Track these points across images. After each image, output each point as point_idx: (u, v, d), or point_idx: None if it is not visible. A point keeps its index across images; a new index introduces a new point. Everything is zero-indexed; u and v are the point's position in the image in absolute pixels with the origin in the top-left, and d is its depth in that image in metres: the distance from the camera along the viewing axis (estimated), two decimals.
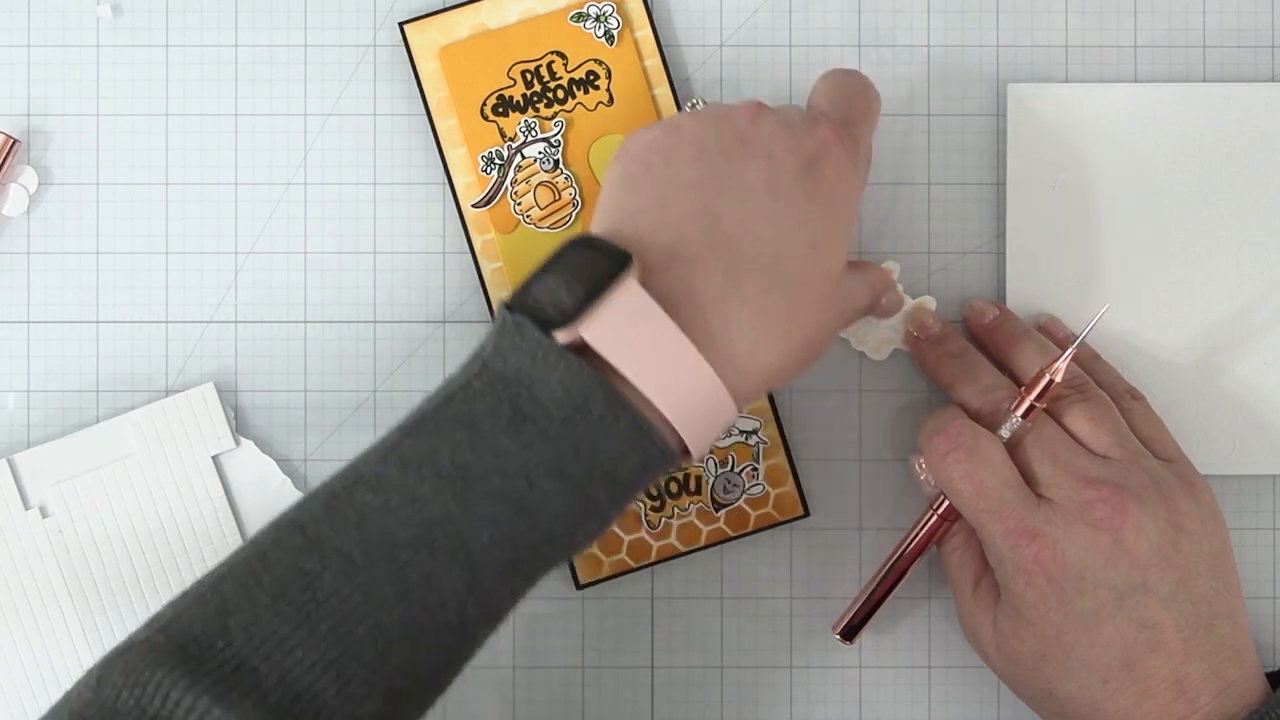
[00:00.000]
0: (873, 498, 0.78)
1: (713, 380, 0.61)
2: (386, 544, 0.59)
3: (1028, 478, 0.69)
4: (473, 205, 0.77)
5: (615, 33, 0.76)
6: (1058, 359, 0.70)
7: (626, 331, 0.60)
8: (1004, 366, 0.74)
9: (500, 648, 0.78)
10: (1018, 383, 0.73)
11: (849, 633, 0.74)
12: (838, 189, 0.66)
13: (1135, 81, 0.78)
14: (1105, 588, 0.67)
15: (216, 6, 0.78)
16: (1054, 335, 0.75)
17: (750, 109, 0.66)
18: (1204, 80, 0.78)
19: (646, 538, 0.77)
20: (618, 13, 0.76)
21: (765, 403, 0.77)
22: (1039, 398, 0.70)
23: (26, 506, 0.75)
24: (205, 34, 0.78)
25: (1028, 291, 0.77)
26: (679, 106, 0.77)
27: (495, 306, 0.63)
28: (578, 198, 0.77)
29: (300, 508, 0.61)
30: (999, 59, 0.78)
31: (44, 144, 0.77)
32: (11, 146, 0.76)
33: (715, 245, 0.63)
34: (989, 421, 0.71)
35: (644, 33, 0.77)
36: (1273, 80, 0.78)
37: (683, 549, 0.77)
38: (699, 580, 0.78)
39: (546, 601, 0.77)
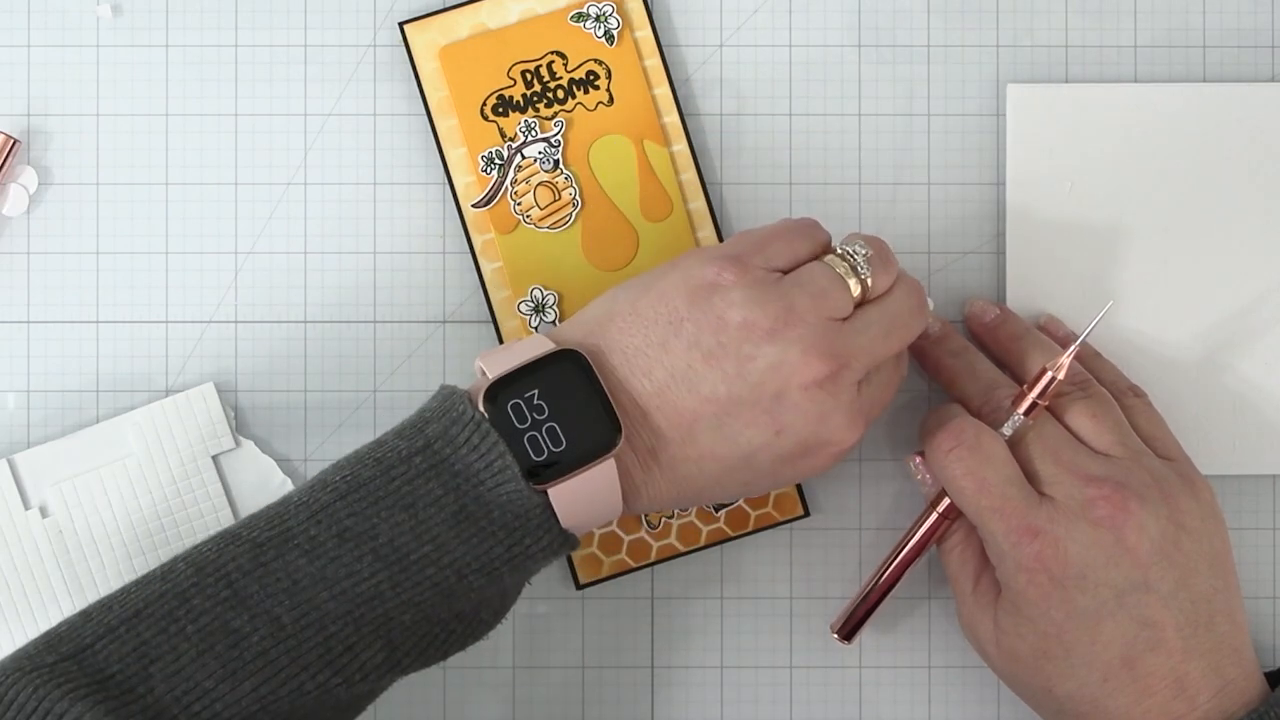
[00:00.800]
0: (873, 498, 0.78)
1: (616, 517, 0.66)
2: (317, 614, 0.61)
3: (1029, 475, 0.69)
4: (473, 205, 0.77)
5: (615, 33, 0.76)
6: (1061, 356, 0.70)
7: (583, 492, 0.64)
8: (1005, 365, 0.74)
9: (500, 648, 0.78)
10: (1018, 381, 0.72)
11: (848, 633, 0.74)
12: (812, 472, 0.68)
13: (1135, 81, 0.78)
14: (1106, 586, 0.67)
15: (216, 6, 0.78)
16: (1054, 334, 0.75)
17: (825, 371, 0.65)
18: (1204, 80, 0.78)
19: (646, 538, 0.77)
20: (618, 13, 0.76)
21: None
22: (1041, 395, 0.70)
23: (26, 506, 0.75)
24: (205, 34, 0.78)
25: (1028, 291, 0.77)
26: (679, 107, 0.77)
27: (458, 392, 0.65)
28: (578, 198, 0.77)
29: (221, 550, 0.62)
30: (999, 59, 0.78)
31: (44, 144, 0.77)
32: (11, 146, 0.76)
33: (673, 460, 0.66)
34: (990, 420, 0.71)
35: (644, 33, 0.77)
36: (1273, 80, 0.78)
37: (683, 549, 0.77)
38: (699, 580, 0.78)
39: (546, 601, 0.77)
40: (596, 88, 0.77)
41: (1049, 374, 0.70)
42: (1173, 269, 0.76)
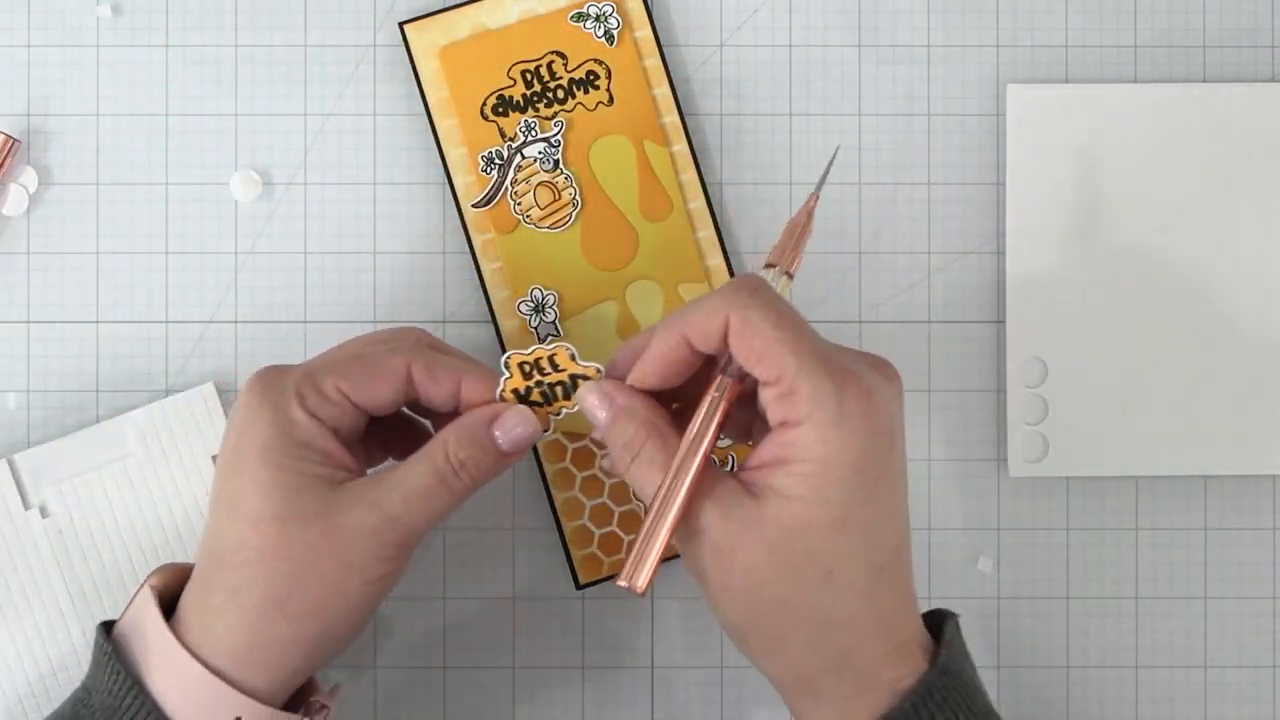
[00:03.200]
0: None
1: (229, 695, 0.65)
2: None
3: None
4: (473, 205, 0.77)
5: (615, 33, 0.77)
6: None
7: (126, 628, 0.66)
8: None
9: (500, 647, 0.78)
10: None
11: (642, 579, 0.63)
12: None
13: (1135, 81, 0.78)
14: (901, 454, 0.64)
15: (216, 6, 0.78)
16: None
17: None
18: (1204, 80, 0.78)
19: None
20: (618, 13, 0.76)
21: None
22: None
23: (26, 506, 0.75)
24: (205, 34, 0.78)
25: (1028, 291, 0.77)
26: (679, 107, 0.77)
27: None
28: (578, 197, 0.77)
29: None
30: (999, 59, 0.78)
31: (44, 144, 0.77)
32: (11, 146, 0.76)
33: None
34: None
35: (644, 33, 0.77)
36: (1273, 80, 0.78)
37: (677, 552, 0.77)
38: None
39: (547, 601, 0.77)
40: (596, 88, 0.77)
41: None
42: (1172, 269, 0.76)
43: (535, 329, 0.76)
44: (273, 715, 0.65)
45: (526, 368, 0.67)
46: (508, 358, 0.67)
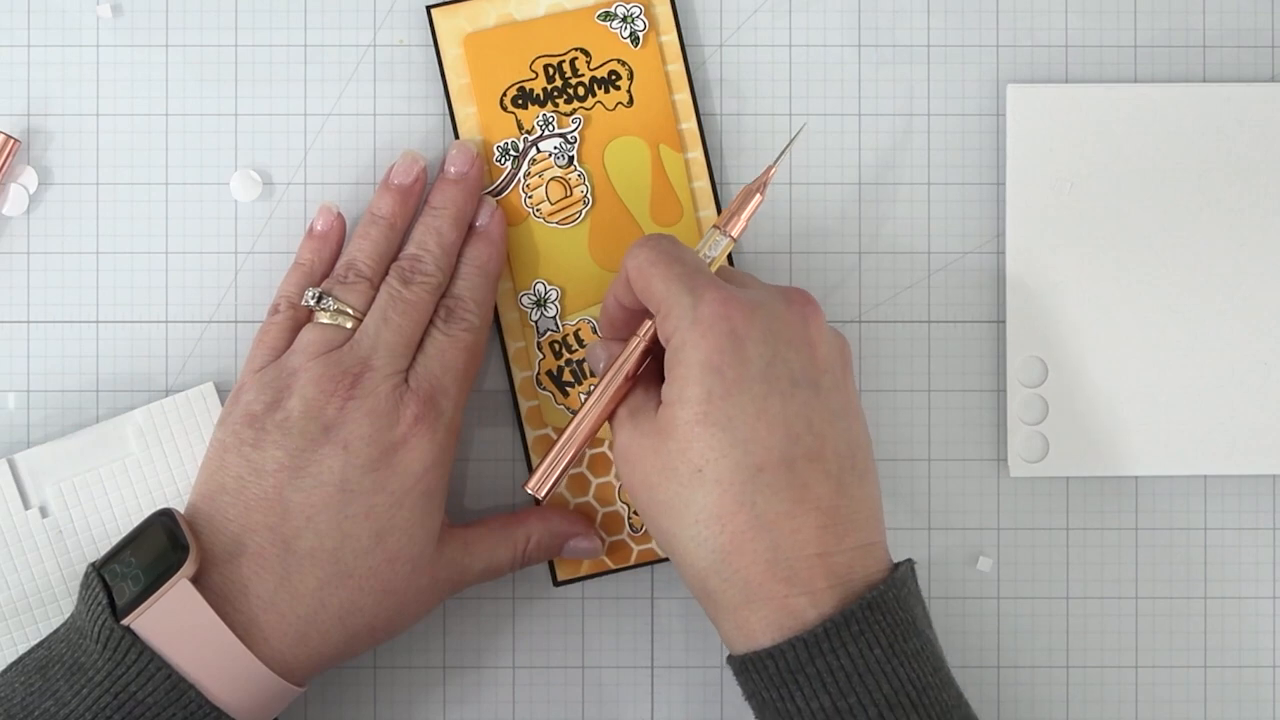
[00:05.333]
0: None
1: (257, 668, 0.67)
2: None
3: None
4: (484, 193, 0.76)
5: (641, 35, 0.76)
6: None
7: (175, 625, 0.67)
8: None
9: (500, 647, 0.77)
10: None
11: (544, 489, 0.71)
12: (412, 471, 0.70)
13: (1135, 81, 0.78)
14: (783, 363, 0.66)
15: (216, 6, 0.78)
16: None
17: (341, 394, 0.70)
18: (1204, 80, 0.78)
19: (628, 540, 0.77)
20: (645, 15, 0.76)
21: None
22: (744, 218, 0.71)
23: (26, 506, 0.75)
24: (205, 34, 0.78)
25: (1028, 291, 0.77)
26: (698, 114, 0.77)
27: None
28: (589, 196, 0.76)
29: None
30: (999, 59, 0.78)
31: (44, 144, 0.77)
32: (11, 146, 0.76)
33: (279, 542, 0.69)
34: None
35: (669, 37, 0.77)
36: (1273, 80, 0.78)
37: (661, 554, 0.77)
38: None
39: (546, 602, 0.77)
40: (617, 88, 0.77)
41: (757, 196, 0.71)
42: (1172, 269, 0.77)
43: (535, 323, 0.76)
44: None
45: (556, 346, 0.76)
46: (540, 340, 0.76)
